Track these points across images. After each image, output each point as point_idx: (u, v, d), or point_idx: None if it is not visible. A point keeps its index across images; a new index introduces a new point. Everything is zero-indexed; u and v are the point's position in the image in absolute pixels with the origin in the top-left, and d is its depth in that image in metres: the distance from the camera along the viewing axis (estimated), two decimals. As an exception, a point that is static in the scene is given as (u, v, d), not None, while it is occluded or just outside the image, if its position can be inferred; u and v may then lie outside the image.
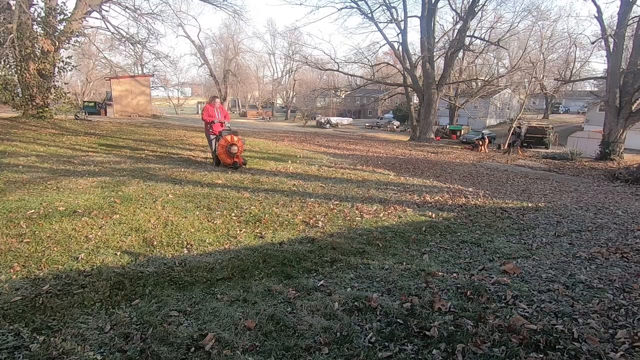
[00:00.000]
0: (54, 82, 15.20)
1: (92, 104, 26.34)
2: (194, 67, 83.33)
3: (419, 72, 25.74)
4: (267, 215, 4.81)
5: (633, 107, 16.80)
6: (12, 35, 12.04)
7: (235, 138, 7.74)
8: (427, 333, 2.30)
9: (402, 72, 26.20)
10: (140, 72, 34.06)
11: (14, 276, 2.75)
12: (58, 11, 14.38)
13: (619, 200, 8.52)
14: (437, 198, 6.69)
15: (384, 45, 26.71)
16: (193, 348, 2.05)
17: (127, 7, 17.31)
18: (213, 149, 8.32)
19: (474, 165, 13.95)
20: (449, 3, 25.04)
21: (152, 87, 31.40)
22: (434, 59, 25.36)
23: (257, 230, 4.26)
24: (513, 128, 25.25)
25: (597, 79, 33.77)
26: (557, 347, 2.17)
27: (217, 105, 8.29)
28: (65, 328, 2.16)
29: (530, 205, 6.82)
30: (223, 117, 8.24)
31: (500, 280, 3.19)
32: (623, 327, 2.39)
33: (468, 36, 24.74)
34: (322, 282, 3.03)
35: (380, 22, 25.20)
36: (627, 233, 5.09)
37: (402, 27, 24.50)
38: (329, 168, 9.57)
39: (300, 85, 55.04)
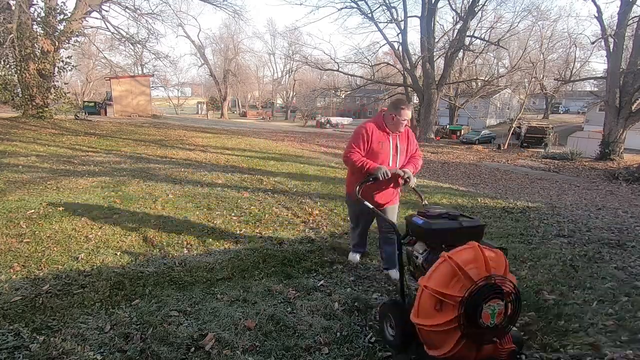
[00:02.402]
0: (54, 82, 15.22)
1: (92, 104, 26.37)
2: (194, 67, 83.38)
3: (419, 72, 25.75)
4: (267, 215, 4.80)
5: (633, 107, 16.81)
6: (12, 35, 12.05)
7: (492, 254, 1.72)
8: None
9: (402, 72, 26.24)
10: (140, 72, 34.04)
11: (14, 276, 2.75)
12: (58, 11, 14.39)
13: (619, 200, 8.52)
14: (437, 198, 6.69)
15: (384, 45, 26.79)
16: (193, 348, 2.05)
17: (127, 7, 17.35)
18: (402, 286, 2.29)
19: (474, 165, 13.95)
20: (449, 3, 25.09)
21: (152, 87, 31.39)
22: (434, 59, 25.38)
23: (257, 230, 4.26)
24: (513, 128, 25.29)
25: (597, 79, 33.76)
26: None
27: (403, 125, 2.81)
28: (65, 328, 2.16)
29: (530, 205, 6.82)
30: (405, 158, 2.96)
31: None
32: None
33: (468, 36, 24.76)
34: (322, 282, 3.03)
35: (380, 22, 25.26)
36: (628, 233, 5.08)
37: (402, 27, 24.53)
38: (329, 168, 9.57)
39: (300, 85, 55.02)
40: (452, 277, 1.65)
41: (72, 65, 16.26)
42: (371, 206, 2.58)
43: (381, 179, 2.68)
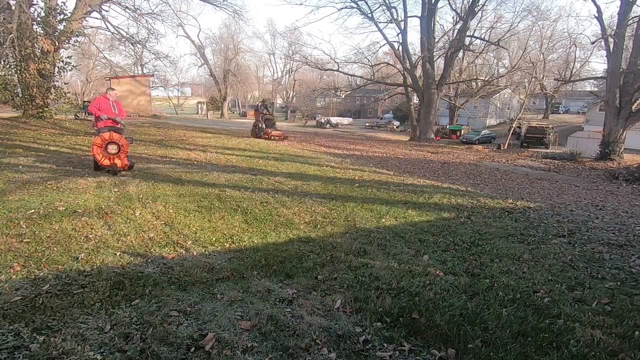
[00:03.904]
0: (54, 82, 15.21)
1: (92, 104, 26.26)
2: (194, 67, 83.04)
3: (419, 72, 25.74)
4: (267, 215, 4.81)
5: (633, 107, 16.79)
6: (12, 35, 12.04)
7: (116, 136, 6.39)
8: (426, 333, 2.30)
9: (402, 72, 26.21)
10: (140, 72, 34.03)
11: (14, 276, 2.75)
12: (58, 11, 14.39)
13: (619, 200, 8.53)
14: (437, 198, 6.69)
15: (384, 45, 26.77)
16: (193, 348, 2.06)
17: (127, 7, 17.34)
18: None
19: (474, 165, 13.95)
20: (449, 3, 25.07)
21: (152, 87, 31.38)
22: (434, 59, 25.37)
23: (257, 230, 4.26)
24: (513, 128, 25.29)
25: (597, 79, 33.75)
26: None
27: (113, 98, 6.82)
28: (65, 328, 2.16)
29: (530, 205, 6.82)
30: (118, 112, 6.84)
31: (501, 280, 3.20)
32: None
33: (468, 36, 24.75)
34: (321, 282, 3.03)
35: (380, 22, 25.24)
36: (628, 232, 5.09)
37: (402, 27, 24.52)
38: (329, 168, 9.57)
39: (300, 85, 54.99)
40: (100, 140, 6.26)
41: (72, 65, 16.26)
42: (101, 132, 6.41)
43: (103, 119, 6.51)
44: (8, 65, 13.85)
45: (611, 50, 17.33)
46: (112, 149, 6.31)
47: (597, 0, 18.26)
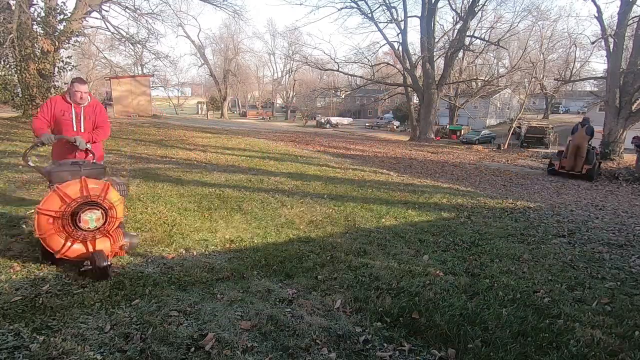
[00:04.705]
0: (54, 82, 15.20)
1: (92, 104, 26.22)
2: (194, 67, 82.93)
3: (419, 72, 25.72)
4: (267, 215, 4.81)
5: (633, 107, 16.77)
6: (12, 35, 12.03)
7: (96, 185, 2.76)
8: (426, 333, 2.30)
9: (402, 72, 26.19)
10: (140, 72, 33.99)
11: (14, 276, 2.75)
12: (58, 11, 14.37)
13: (619, 200, 8.52)
14: (437, 198, 6.69)
15: (384, 45, 26.75)
16: (193, 348, 2.06)
17: (127, 7, 17.33)
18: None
19: (474, 165, 13.94)
20: (449, 3, 25.06)
21: (152, 87, 31.35)
22: (434, 59, 25.35)
23: (258, 230, 4.26)
24: (513, 128, 25.29)
25: (597, 79, 33.73)
26: None
27: (79, 96, 3.33)
28: (65, 328, 2.16)
29: (530, 205, 6.82)
30: (91, 127, 3.52)
31: (501, 280, 3.20)
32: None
33: (468, 36, 24.74)
34: (321, 282, 3.03)
35: (380, 22, 25.23)
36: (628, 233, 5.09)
37: (402, 27, 24.51)
38: (329, 168, 9.57)
39: (300, 85, 54.99)
40: (58, 200, 2.60)
41: (72, 65, 16.27)
42: (33, 165, 3.28)
43: (46, 143, 3.20)
44: (8, 65, 13.83)
45: (611, 50, 17.32)
46: (90, 220, 2.67)
47: (597, 0, 18.25)
